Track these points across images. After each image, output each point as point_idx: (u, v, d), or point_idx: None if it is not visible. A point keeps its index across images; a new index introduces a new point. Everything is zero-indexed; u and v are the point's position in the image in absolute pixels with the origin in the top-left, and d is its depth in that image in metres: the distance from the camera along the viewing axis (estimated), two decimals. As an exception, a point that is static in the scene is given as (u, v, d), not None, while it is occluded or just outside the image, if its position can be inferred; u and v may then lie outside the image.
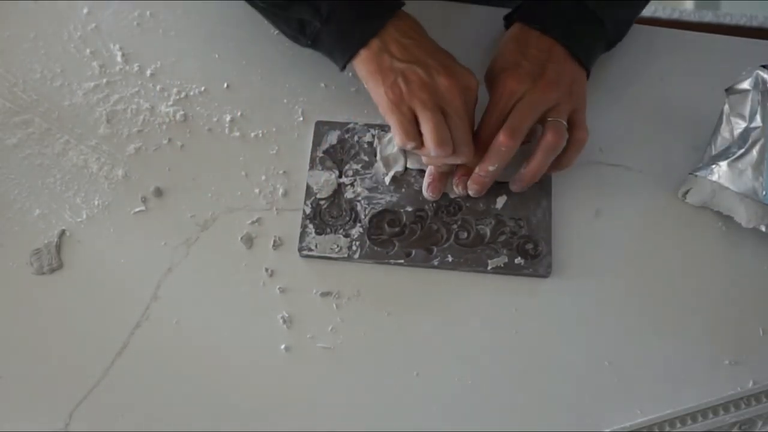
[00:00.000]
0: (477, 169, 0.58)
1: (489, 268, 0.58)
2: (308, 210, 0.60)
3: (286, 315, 0.58)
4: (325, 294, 0.58)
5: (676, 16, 1.23)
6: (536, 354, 0.56)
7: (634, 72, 0.67)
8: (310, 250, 0.59)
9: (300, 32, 0.59)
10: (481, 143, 0.57)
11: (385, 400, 0.55)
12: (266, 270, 0.59)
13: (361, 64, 0.57)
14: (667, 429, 0.54)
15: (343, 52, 0.57)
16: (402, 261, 0.58)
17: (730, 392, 0.55)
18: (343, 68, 0.58)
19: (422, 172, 0.61)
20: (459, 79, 0.55)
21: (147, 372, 0.56)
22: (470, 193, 0.59)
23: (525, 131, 0.56)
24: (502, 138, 0.55)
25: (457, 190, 0.60)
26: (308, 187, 0.61)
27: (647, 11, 1.19)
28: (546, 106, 0.56)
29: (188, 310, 0.58)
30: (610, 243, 0.60)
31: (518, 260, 0.58)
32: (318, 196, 0.61)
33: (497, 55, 0.60)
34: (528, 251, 0.58)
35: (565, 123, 0.57)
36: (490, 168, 0.57)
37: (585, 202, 0.61)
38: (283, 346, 0.57)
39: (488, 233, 0.59)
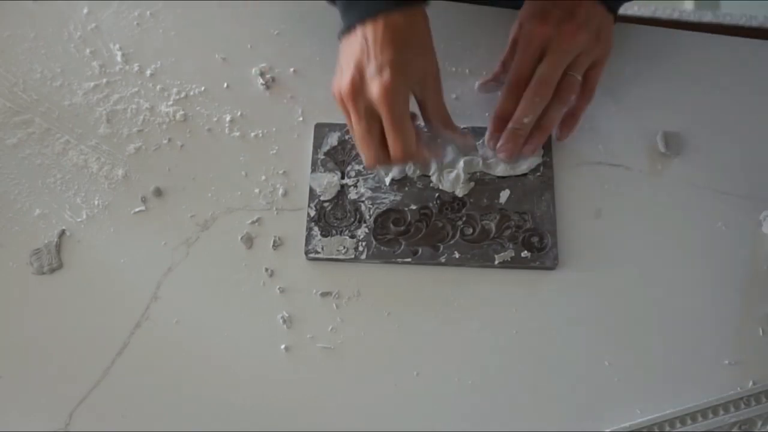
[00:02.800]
0: (511, 123, 0.58)
1: (496, 262, 0.58)
2: (312, 212, 0.60)
3: (286, 315, 0.58)
4: (325, 294, 0.58)
5: (676, 16, 1.23)
6: (536, 354, 0.56)
7: (634, 72, 0.66)
8: (317, 252, 0.59)
9: None
10: (513, 92, 0.58)
11: (385, 400, 0.55)
12: (266, 270, 0.59)
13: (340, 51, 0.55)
14: (667, 429, 0.54)
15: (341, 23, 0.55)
16: (409, 259, 0.58)
17: (730, 392, 0.55)
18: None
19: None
20: (355, 89, 0.52)
21: (147, 372, 0.56)
22: (501, 156, 0.60)
23: (557, 79, 0.57)
24: (533, 89, 0.57)
25: (501, 157, 0.60)
26: (311, 190, 0.61)
27: (647, 11, 1.19)
28: (573, 51, 0.57)
29: (188, 310, 0.58)
30: (609, 243, 0.60)
31: (525, 254, 0.58)
32: (321, 198, 0.61)
33: (525, 4, 0.60)
34: (534, 244, 0.59)
35: (579, 78, 0.58)
36: (525, 120, 0.58)
37: (585, 202, 0.61)
38: (283, 346, 0.57)
39: (493, 228, 0.59)
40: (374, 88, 0.51)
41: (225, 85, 0.66)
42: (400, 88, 0.51)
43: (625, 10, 0.64)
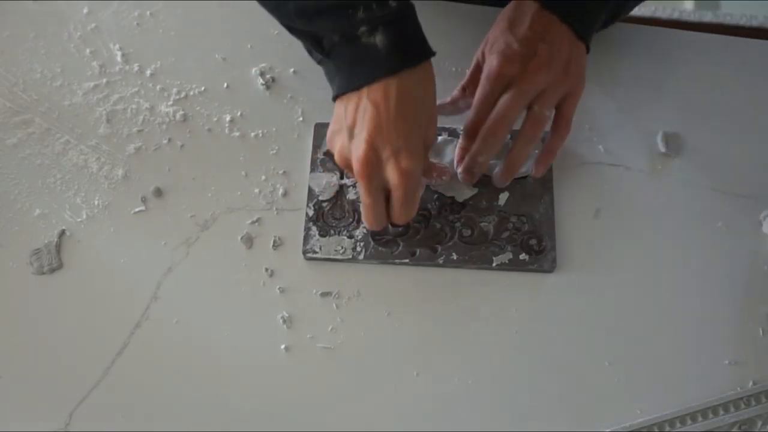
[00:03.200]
0: (467, 158, 0.58)
1: (494, 264, 0.58)
2: (311, 212, 0.60)
3: (286, 315, 0.58)
4: (325, 294, 0.58)
5: (676, 16, 1.23)
6: (536, 354, 0.56)
7: (633, 72, 0.67)
8: (315, 252, 0.59)
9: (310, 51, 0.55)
10: (472, 129, 0.57)
11: (385, 400, 0.55)
12: (266, 270, 0.59)
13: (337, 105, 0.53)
14: (667, 429, 0.54)
15: (335, 88, 0.53)
16: (407, 260, 0.58)
17: (730, 392, 0.55)
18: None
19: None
20: (371, 168, 0.50)
21: (147, 372, 0.56)
22: (460, 179, 0.59)
23: (514, 119, 0.56)
24: (489, 128, 0.55)
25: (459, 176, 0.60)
26: (310, 190, 0.61)
27: (647, 11, 1.19)
28: (535, 90, 0.55)
29: (188, 310, 0.58)
30: (609, 243, 0.60)
31: (523, 256, 0.58)
32: (320, 198, 0.61)
33: (490, 32, 0.59)
34: (532, 247, 0.59)
35: (547, 113, 0.56)
36: (480, 159, 0.57)
37: (585, 202, 0.61)
38: (283, 346, 0.57)
39: (492, 230, 0.59)
40: (392, 173, 0.50)
41: (225, 85, 0.66)
42: (417, 170, 0.51)
43: (625, 10, 0.64)
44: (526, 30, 0.56)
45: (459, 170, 0.59)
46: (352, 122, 0.50)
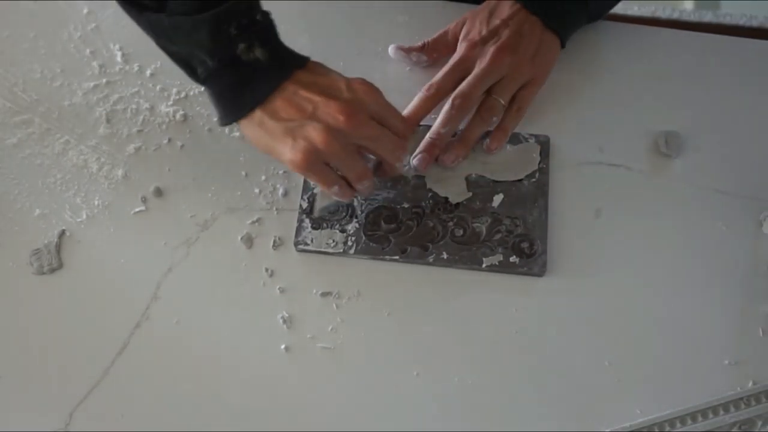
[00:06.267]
0: (428, 134, 0.60)
1: (484, 265, 0.58)
2: (305, 205, 0.60)
3: (286, 315, 0.58)
4: (325, 294, 0.58)
5: (675, 16, 1.23)
6: (536, 353, 0.56)
7: (634, 72, 0.66)
8: (306, 244, 0.59)
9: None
10: (430, 100, 0.60)
11: (385, 400, 0.55)
12: (266, 270, 0.59)
13: (246, 130, 0.54)
14: (667, 429, 0.54)
15: (224, 114, 0.53)
16: (397, 257, 0.58)
17: (730, 392, 0.55)
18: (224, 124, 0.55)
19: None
20: (352, 107, 0.51)
21: (147, 372, 0.56)
22: (417, 164, 0.60)
23: (475, 98, 0.60)
24: (450, 103, 0.59)
25: (415, 164, 0.60)
26: (305, 182, 0.61)
27: (647, 11, 1.19)
28: (497, 72, 0.60)
29: (188, 310, 0.58)
30: (610, 243, 0.60)
31: (513, 258, 0.58)
32: (315, 191, 0.61)
33: (468, 20, 0.63)
34: (523, 250, 0.58)
35: (501, 101, 0.60)
36: (442, 131, 0.60)
37: (585, 202, 0.61)
38: (283, 346, 0.57)
39: (484, 231, 0.59)
40: (361, 89, 0.52)
41: (225, 85, 0.66)
42: (364, 84, 0.53)
43: (625, 10, 0.64)
44: (499, 21, 0.61)
45: (416, 152, 0.60)
46: (301, 111, 0.51)
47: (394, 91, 0.57)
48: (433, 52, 0.65)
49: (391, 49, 0.66)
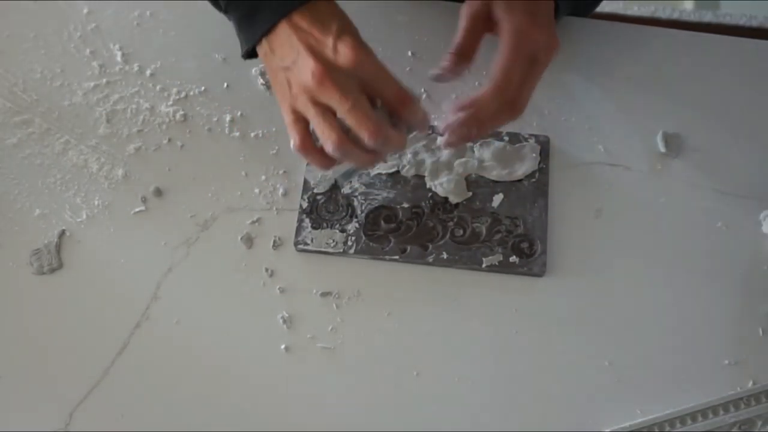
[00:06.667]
0: (471, 113, 0.53)
1: (483, 265, 0.58)
2: (305, 204, 0.60)
3: (286, 315, 0.58)
4: (325, 294, 0.58)
5: (675, 16, 1.23)
6: (536, 353, 0.56)
7: (633, 72, 0.66)
8: (306, 244, 0.59)
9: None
10: (499, 95, 0.52)
11: (385, 400, 0.55)
12: (266, 270, 0.59)
13: (263, 59, 0.53)
14: (667, 429, 0.54)
15: (241, 44, 0.54)
16: (397, 257, 0.58)
17: (730, 392, 0.55)
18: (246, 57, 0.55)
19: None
20: (324, 71, 0.48)
21: (147, 372, 0.56)
22: (450, 139, 0.54)
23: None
24: (508, 112, 0.52)
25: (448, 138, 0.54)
26: (305, 182, 0.61)
27: (647, 11, 1.19)
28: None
29: (188, 310, 0.58)
30: (610, 243, 0.60)
31: (513, 259, 0.58)
32: (315, 191, 0.61)
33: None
34: (523, 250, 0.59)
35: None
36: (488, 124, 0.53)
37: (585, 202, 0.61)
38: (283, 346, 0.57)
39: (484, 231, 0.59)
40: (343, 55, 0.48)
41: (225, 85, 0.66)
42: (364, 45, 0.49)
43: (625, 10, 0.64)
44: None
45: (450, 128, 0.53)
46: (289, 56, 0.50)
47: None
48: (469, 51, 0.55)
49: (433, 77, 0.56)
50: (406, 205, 0.60)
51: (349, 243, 0.59)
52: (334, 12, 0.50)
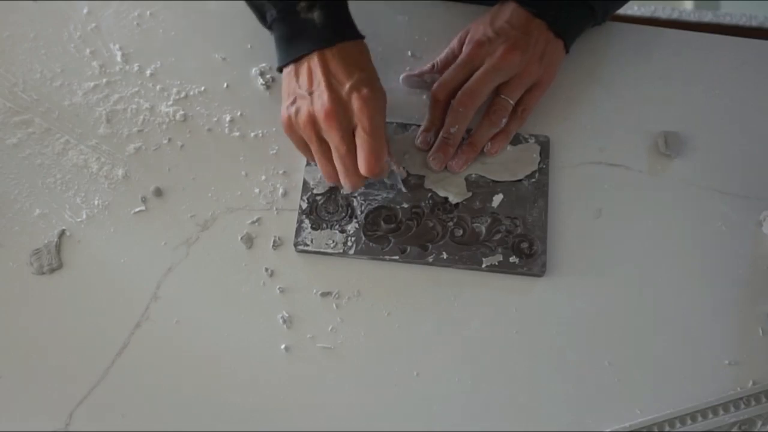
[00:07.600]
0: (441, 133, 0.61)
1: (483, 266, 0.58)
2: (305, 205, 0.60)
3: (286, 315, 0.58)
4: (325, 294, 0.58)
5: (675, 16, 1.23)
6: (536, 353, 0.56)
7: (634, 72, 0.66)
8: (306, 245, 0.59)
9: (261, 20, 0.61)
10: (438, 106, 0.61)
11: (385, 400, 0.55)
12: (266, 270, 0.59)
13: (284, 76, 0.59)
14: (667, 429, 0.54)
15: (277, 62, 0.59)
16: (397, 257, 0.58)
17: (730, 392, 0.55)
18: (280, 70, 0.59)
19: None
20: (334, 111, 0.53)
21: (147, 372, 0.56)
22: (433, 164, 0.61)
23: (483, 95, 0.59)
24: (458, 100, 0.59)
25: (431, 164, 0.61)
26: (305, 183, 0.61)
27: (647, 11, 1.19)
28: (507, 71, 0.59)
29: (188, 310, 0.58)
30: (610, 243, 0.60)
31: (513, 259, 0.58)
32: (315, 191, 0.61)
33: (471, 26, 0.63)
34: (523, 250, 0.59)
35: (511, 101, 0.60)
36: (452, 130, 0.60)
37: (585, 202, 0.61)
38: (283, 346, 0.57)
39: (484, 231, 0.59)
40: (355, 103, 0.53)
41: (225, 85, 0.67)
42: (379, 100, 0.54)
43: (625, 10, 0.64)
44: (503, 23, 0.60)
45: (431, 152, 0.61)
46: (309, 85, 0.55)
47: (394, 91, 0.57)
48: (445, 68, 0.62)
49: (402, 79, 0.65)
50: (405, 206, 0.60)
51: (349, 243, 0.59)
52: (360, 58, 0.56)
